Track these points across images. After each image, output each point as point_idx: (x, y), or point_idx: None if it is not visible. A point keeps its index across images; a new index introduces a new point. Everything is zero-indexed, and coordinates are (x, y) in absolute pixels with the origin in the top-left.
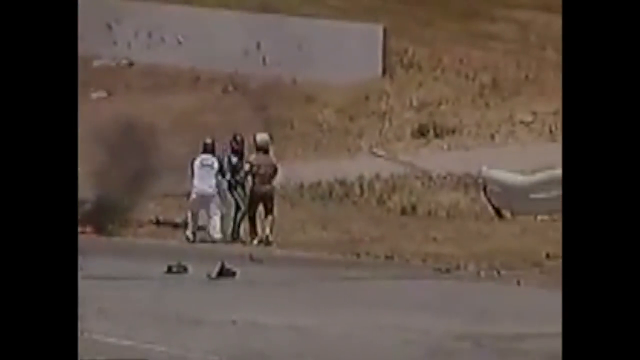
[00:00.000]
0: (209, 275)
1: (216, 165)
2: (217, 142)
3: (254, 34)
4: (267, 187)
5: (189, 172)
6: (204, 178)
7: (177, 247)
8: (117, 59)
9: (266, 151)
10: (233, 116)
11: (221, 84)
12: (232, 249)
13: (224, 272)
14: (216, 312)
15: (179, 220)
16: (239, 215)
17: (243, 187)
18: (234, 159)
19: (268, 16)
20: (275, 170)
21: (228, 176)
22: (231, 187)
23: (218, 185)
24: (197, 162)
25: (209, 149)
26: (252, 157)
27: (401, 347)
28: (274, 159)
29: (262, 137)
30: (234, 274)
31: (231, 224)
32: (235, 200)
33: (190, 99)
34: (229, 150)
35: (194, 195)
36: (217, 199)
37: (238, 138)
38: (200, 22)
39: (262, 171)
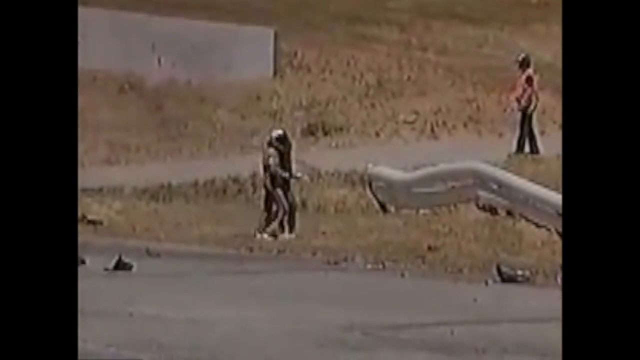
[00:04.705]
0: (106, 268)
1: None
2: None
3: (149, 35)
4: (267, 179)
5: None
6: None
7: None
8: None
9: (274, 147)
10: (129, 115)
11: (117, 83)
12: (128, 243)
13: (120, 266)
14: (113, 304)
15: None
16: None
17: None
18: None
19: (163, 18)
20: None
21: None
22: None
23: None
24: None
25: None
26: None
27: (292, 337)
28: (270, 151)
29: (274, 132)
30: (130, 267)
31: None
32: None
33: (86, 98)
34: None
35: None
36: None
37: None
38: (96, 23)
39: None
